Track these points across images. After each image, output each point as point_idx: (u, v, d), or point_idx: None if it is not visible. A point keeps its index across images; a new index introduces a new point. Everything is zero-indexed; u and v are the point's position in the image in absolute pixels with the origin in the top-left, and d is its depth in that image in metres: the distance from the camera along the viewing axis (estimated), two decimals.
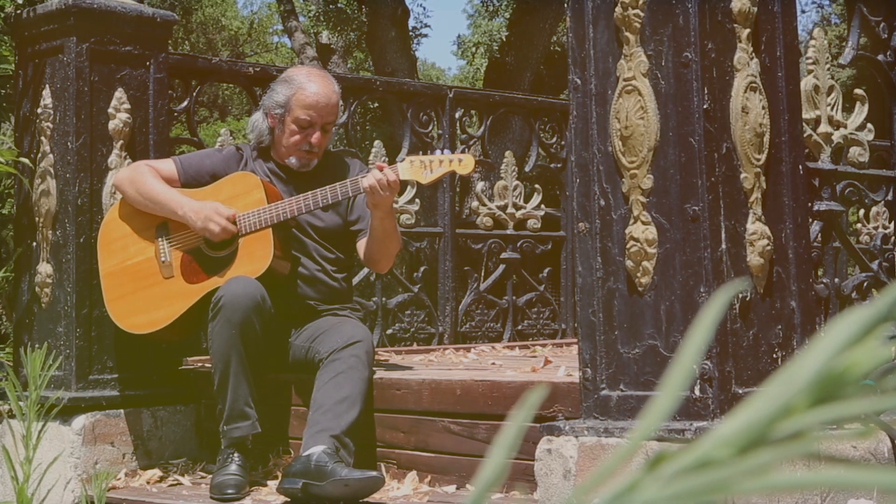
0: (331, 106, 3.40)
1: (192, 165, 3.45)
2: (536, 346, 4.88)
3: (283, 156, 3.43)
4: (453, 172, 3.28)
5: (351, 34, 12.59)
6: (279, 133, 3.42)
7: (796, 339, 2.43)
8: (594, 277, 2.44)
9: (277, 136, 3.43)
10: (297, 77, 3.44)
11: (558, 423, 2.45)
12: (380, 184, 3.11)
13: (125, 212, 3.43)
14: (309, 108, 3.36)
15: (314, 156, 3.41)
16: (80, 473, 3.32)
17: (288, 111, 3.38)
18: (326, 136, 3.43)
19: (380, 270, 3.60)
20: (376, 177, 3.12)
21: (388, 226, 3.25)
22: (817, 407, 0.35)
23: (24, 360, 2.06)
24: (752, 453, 0.35)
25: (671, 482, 0.35)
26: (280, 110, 3.39)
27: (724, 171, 2.34)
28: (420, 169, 3.23)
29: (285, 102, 3.38)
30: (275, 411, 3.31)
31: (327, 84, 3.44)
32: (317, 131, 3.38)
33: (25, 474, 1.95)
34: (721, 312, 0.37)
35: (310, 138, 3.37)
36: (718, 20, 2.37)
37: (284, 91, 3.40)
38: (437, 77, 25.87)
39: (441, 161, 3.24)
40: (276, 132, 3.43)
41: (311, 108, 3.36)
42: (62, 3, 3.50)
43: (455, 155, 3.28)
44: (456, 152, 4.10)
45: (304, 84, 3.40)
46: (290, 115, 3.37)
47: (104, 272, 3.41)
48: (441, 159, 3.24)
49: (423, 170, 3.23)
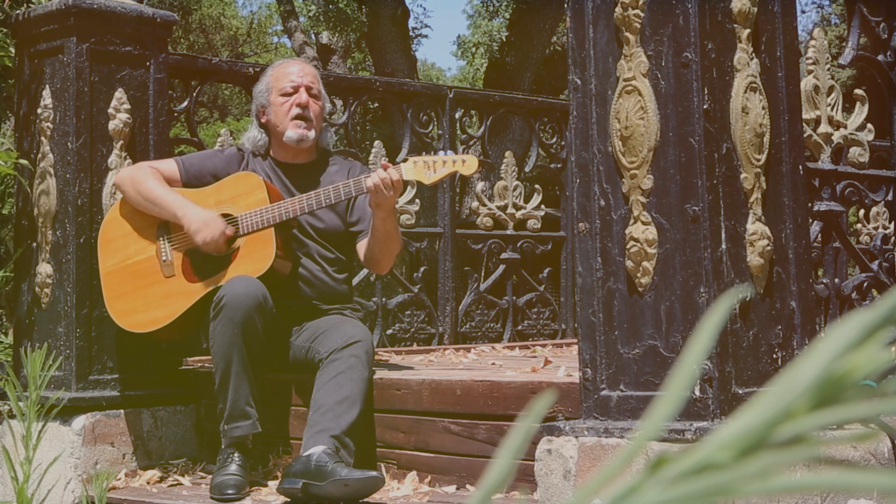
0: (307, 70, 3.55)
1: (194, 166, 3.46)
2: (536, 347, 4.88)
3: (282, 136, 3.46)
4: (456, 173, 3.28)
5: (351, 34, 12.59)
6: (272, 118, 3.49)
7: (796, 339, 2.43)
8: (594, 278, 2.44)
9: (271, 124, 3.48)
10: (270, 67, 3.66)
11: (558, 424, 2.45)
12: (384, 183, 3.12)
13: (126, 211, 3.43)
14: (287, 76, 3.51)
15: (310, 124, 3.46)
16: (81, 474, 3.32)
17: (270, 90, 3.50)
18: (316, 105, 3.47)
19: (380, 271, 3.61)
20: (381, 176, 3.13)
21: (389, 226, 3.26)
22: (818, 410, 0.35)
23: (24, 361, 2.06)
24: (753, 456, 0.35)
25: (672, 485, 0.35)
26: (265, 95, 3.51)
27: (724, 171, 2.34)
28: (423, 169, 3.23)
29: (266, 85, 3.53)
30: (275, 411, 3.31)
31: (300, 60, 3.69)
32: (302, 92, 3.46)
33: (25, 474, 1.95)
34: (724, 317, 0.37)
35: (298, 101, 3.45)
36: (718, 20, 2.37)
37: (262, 80, 3.57)
38: (437, 77, 25.87)
39: (444, 161, 3.24)
40: (270, 123, 3.48)
41: (288, 75, 3.51)
42: (62, 3, 3.50)
43: (459, 155, 3.28)
44: (459, 153, 4.10)
45: (277, 65, 3.63)
46: (273, 91, 3.50)
47: (104, 271, 3.41)
48: (444, 160, 3.25)
49: (427, 170, 3.23)
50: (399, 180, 3.15)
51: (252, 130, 3.55)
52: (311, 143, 3.47)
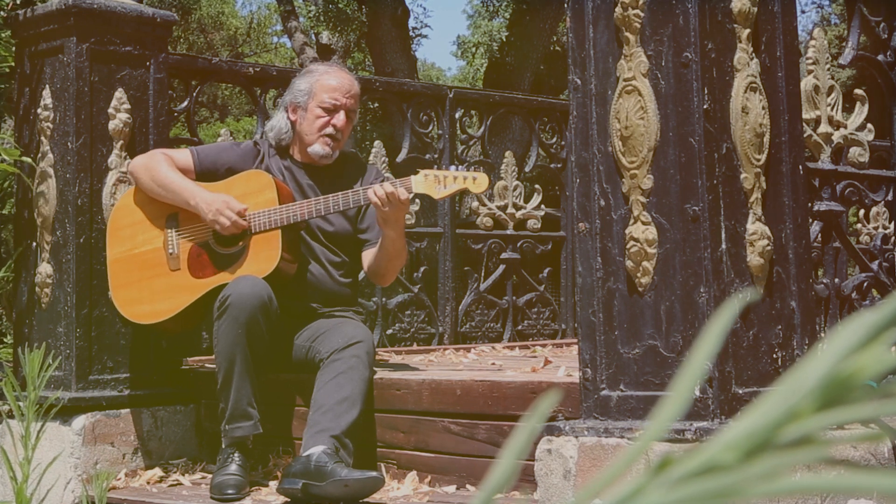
0: (353, 91, 3.48)
1: (209, 157, 3.44)
2: (536, 346, 4.88)
3: (306, 145, 3.43)
4: (466, 190, 3.26)
5: (351, 34, 12.59)
6: (302, 123, 3.44)
7: (796, 339, 2.43)
8: (594, 277, 2.44)
9: (301, 127, 3.44)
10: (318, 68, 3.55)
11: (558, 424, 2.45)
12: (381, 200, 3.09)
13: (137, 199, 3.42)
14: (333, 91, 3.43)
15: (338, 144, 3.44)
16: (81, 474, 3.32)
17: (312, 97, 3.43)
18: (349, 125, 3.46)
19: (382, 284, 3.60)
20: (387, 190, 3.10)
21: (399, 245, 3.25)
22: (823, 411, 0.35)
23: (23, 361, 2.06)
24: (757, 458, 0.35)
25: (676, 486, 0.35)
26: (304, 97, 3.44)
27: (724, 171, 2.34)
28: (434, 184, 3.21)
29: (308, 89, 3.44)
30: (275, 411, 3.31)
31: (348, 74, 3.58)
32: (341, 114, 3.42)
33: (24, 474, 1.95)
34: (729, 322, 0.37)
35: (335, 121, 3.41)
36: (718, 20, 2.36)
37: (307, 80, 3.47)
38: (437, 77, 25.87)
39: (455, 178, 3.22)
40: (298, 124, 3.45)
41: (335, 91, 3.43)
42: (62, 3, 3.49)
43: (470, 173, 3.26)
44: (459, 152, 4.10)
45: (326, 72, 3.51)
46: (314, 100, 3.42)
47: (111, 258, 3.42)
48: (456, 176, 3.23)
49: (437, 185, 3.22)
50: (406, 199, 3.13)
51: (279, 120, 3.49)
52: (334, 159, 3.46)
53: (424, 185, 3.21)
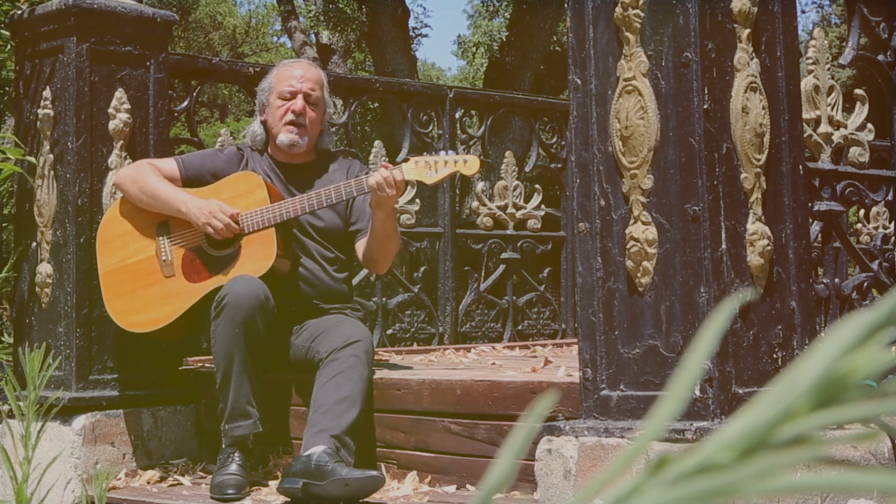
0: (310, 75, 3.52)
1: (194, 165, 3.46)
2: (536, 346, 4.88)
3: (275, 138, 3.47)
4: (458, 173, 3.28)
5: (351, 34, 12.59)
6: (268, 119, 3.50)
7: (796, 339, 2.43)
8: (594, 277, 2.44)
9: (269, 125, 3.51)
10: (279, 64, 3.67)
11: (558, 423, 2.45)
12: (386, 182, 3.12)
13: (125, 210, 3.43)
14: (289, 79, 3.49)
15: (304, 130, 3.45)
16: (81, 473, 3.32)
17: (272, 91, 3.50)
18: (317, 112, 3.46)
19: (378, 271, 3.61)
20: (383, 175, 3.14)
21: (388, 227, 3.26)
22: (819, 410, 0.35)
23: (23, 361, 2.06)
24: (754, 457, 0.35)
25: (673, 486, 0.35)
26: (266, 94, 3.52)
27: (724, 171, 2.34)
28: (425, 169, 3.24)
29: (269, 86, 3.52)
30: (275, 411, 3.31)
31: (307, 63, 3.67)
32: (299, 99, 3.45)
33: (24, 474, 1.95)
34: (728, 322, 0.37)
35: (293, 107, 3.45)
36: (718, 20, 2.37)
37: (268, 77, 3.57)
38: (437, 77, 25.87)
39: (446, 162, 3.25)
40: (267, 123, 3.50)
41: (290, 78, 3.49)
42: (62, 3, 3.50)
43: (460, 156, 3.28)
44: (460, 153, 4.10)
45: (284, 64, 3.63)
46: (273, 93, 3.49)
47: (103, 271, 3.41)
48: (446, 160, 3.25)
49: (428, 170, 3.24)
50: (401, 180, 3.16)
51: (253, 125, 3.58)
52: (304, 148, 3.47)
53: (416, 171, 3.23)
